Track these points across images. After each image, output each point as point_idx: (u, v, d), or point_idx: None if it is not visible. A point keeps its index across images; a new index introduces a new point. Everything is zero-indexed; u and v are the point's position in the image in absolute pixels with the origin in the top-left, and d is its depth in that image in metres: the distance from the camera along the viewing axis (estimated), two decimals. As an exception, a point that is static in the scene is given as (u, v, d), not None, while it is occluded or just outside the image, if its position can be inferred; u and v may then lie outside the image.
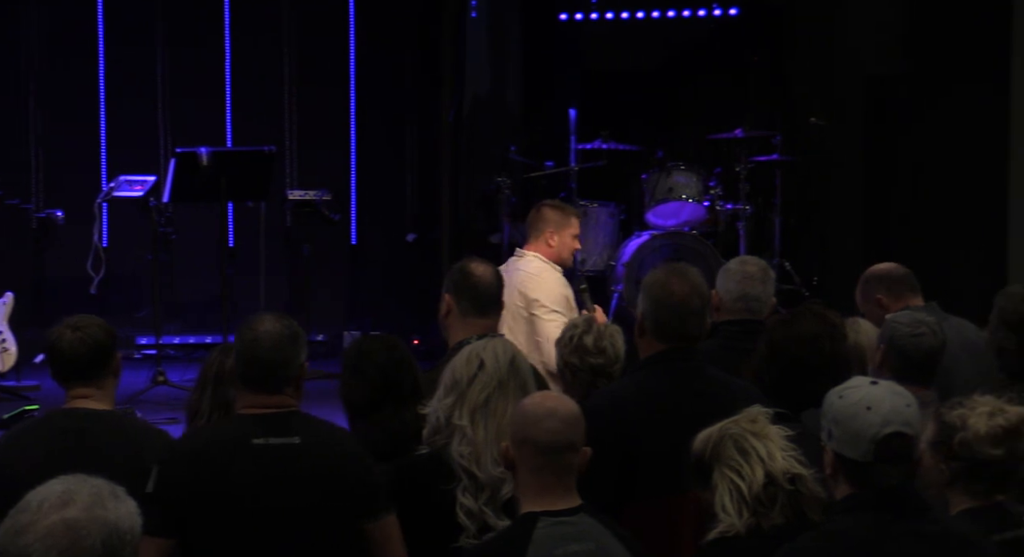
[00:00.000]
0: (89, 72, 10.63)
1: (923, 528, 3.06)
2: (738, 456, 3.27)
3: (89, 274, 9.67)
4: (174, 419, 6.88)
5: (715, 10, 10.77)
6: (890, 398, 3.12)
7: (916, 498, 3.13)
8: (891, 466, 3.07)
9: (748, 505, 3.23)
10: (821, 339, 3.93)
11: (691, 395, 3.95)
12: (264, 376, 3.57)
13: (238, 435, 3.53)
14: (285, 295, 10.57)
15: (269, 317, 3.63)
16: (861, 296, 5.32)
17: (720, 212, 9.70)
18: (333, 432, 3.65)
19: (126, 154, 10.51)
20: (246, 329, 3.61)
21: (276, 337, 3.57)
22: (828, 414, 3.15)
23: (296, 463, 3.50)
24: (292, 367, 3.59)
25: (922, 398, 4.07)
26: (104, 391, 4.02)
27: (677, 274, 4.11)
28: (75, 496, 2.36)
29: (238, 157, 8.99)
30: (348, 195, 10.85)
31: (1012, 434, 3.40)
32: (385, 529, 3.57)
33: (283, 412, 3.57)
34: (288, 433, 3.53)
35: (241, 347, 3.61)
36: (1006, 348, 4.42)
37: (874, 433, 3.07)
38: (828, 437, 3.13)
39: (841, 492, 3.14)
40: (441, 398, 3.68)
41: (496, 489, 3.57)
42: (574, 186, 9.48)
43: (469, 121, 10.68)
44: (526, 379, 3.68)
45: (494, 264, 4.84)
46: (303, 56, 10.81)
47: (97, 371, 4.00)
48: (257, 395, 3.58)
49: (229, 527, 3.46)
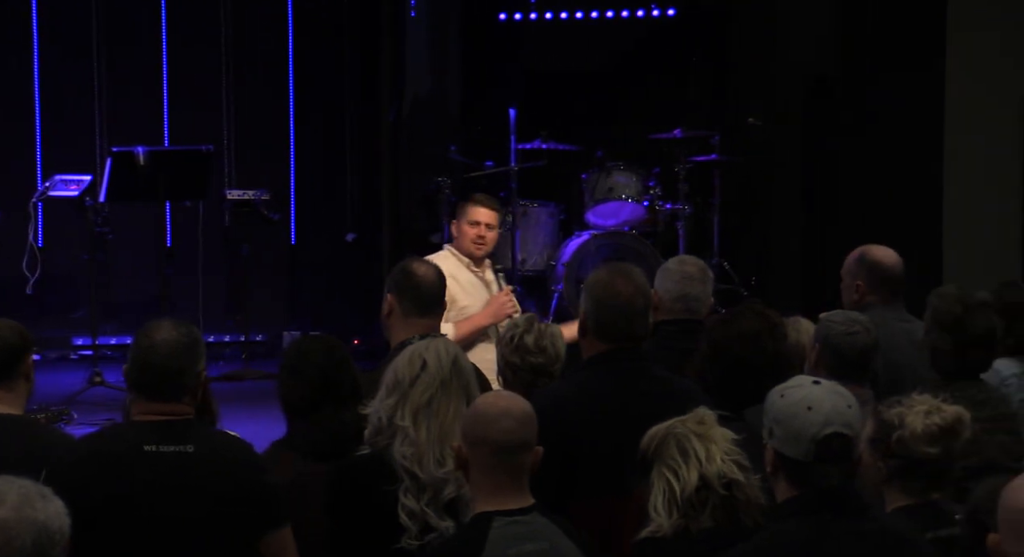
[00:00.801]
0: (24, 70, 10.50)
1: (862, 527, 3.09)
2: (678, 456, 3.28)
3: (24, 274, 9.56)
4: (111, 420, 6.81)
5: (654, 11, 10.81)
6: (831, 398, 3.14)
7: (855, 498, 3.15)
8: (831, 466, 3.09)
9: (679, 507, 3.25)
10: (763, 337, 3.95)
11: (636, 395, 3.96)
12: (158, 383, 3.52)
13: (130, 442, 3.48)
14: (224, 295, 10.50)
15: (167, 324, 3.58)
16: (848, 271, 5.24)
17: (660, 212, 9.74)
18: (229, 442, 3.61)
19: (62, 153, 10.40)
20: (143, 336, 3.56)
21: (172, 345, 3.53)
22: (770, 413, 3.16)
23: (189, 472, 3.45)
24: (188, 375, 3.54)
25: (859, 396, 4.12)
26: (14, 394, 3.96)
27: (621, 274, 4.11)
28: (4, 497, 2.35)
29: (175, 156, 8.93)
30: (287, 195, 10.79)
31: (948, 433, 3.44)
32: (280, 541, 3.53)
33: (178, 420, 3.52)
34: (182, 441, 3.48)
35: (137, 353, 3.55)
36: (940, 349, 4.45)
37: (814, 433, 3.09)
38: (769, 435, 3.15)
39: (781, 490, 3.15)
40: (383, 398, 3.66)
41: (438, 490, 3.56)
42: (514, 186, 9.48)
43: (409, 121, 10.66)
44: (469, 379, 3.67)
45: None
46: (241, 55, 10.74)
47: (6, 374, 3.93)
48: (152, 402, 3.53)
49: (119, 534, 3.40)
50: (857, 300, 5.18)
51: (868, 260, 5.22)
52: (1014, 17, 8.90)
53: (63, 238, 10.16)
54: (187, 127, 10.50)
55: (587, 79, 10.90)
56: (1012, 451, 4.23)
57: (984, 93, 8.91)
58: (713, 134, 9.89)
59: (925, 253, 9.02)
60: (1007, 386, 4.74)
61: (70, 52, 10.52)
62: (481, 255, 6.42)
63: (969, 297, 4.47)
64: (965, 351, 4.40)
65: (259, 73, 10.80)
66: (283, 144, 10.86)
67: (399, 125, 10.59)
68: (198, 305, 10.05)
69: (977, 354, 4.42)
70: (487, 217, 6.38)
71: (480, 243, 6.36)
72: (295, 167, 10.89)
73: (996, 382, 4.67)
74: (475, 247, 6.34)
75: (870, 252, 5.25)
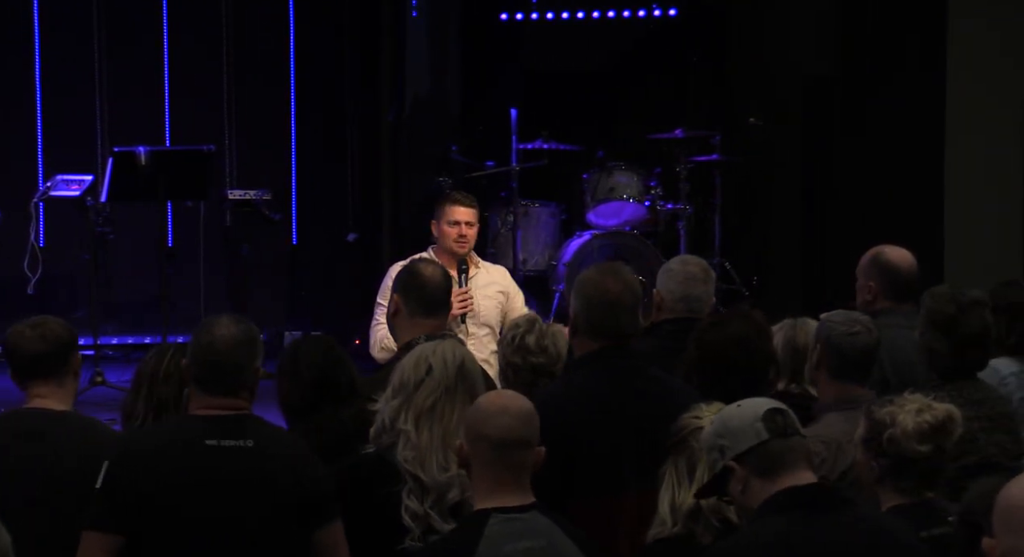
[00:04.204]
0: (26, 70, 10.51)
1: (841, 520, 3.08)
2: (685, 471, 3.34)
3: (26, 274, 9.57)
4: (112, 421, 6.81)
5: (655, 11, 10.81)
6: (752, 399, 3.21)
7: (834, 493, 3.17)
8: (787, 440, 3.09)
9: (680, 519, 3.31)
10: (751, 340, 3.96)
11: (632, 395, 3.96)
12: (218, 378, 3.54)
13: (190, 435, 3.50)
14: (224, 295, 10.49)
15: (226, 319, 3.59)
16: (861, 271, 5.22)
17: (660, 212, 9.74)
18: (285, 437, 3.64)
19: (63, 153, 10.41)
20: (203, 331, 3.58)
21: (233, 340, 3.54)
22: (711, 438, 3.17)
23: (250, 466, 3.47)
24: (247, 371, 3.56)
25: (860, 397, 4.12)
26: (64, 390, 3.98)
27: (610, 272, 4.12)
28: None
29: (177, 156, 8.93)
30: (288, 195, 10.80)
31: (939, 431, 3.45)
32: (333, 535, 3.55)
33: (237, 415, 3.54)
34: (241, 436, 3.50)
35: (197, 348, 3.57)
36: (936, 349, 4.44)
37: (755, 415, 3.12)
38: (722, 454, 3.13)
39: (756, 498, 3.12)
40: (389, 399, 3.66)
41: (442, 493, 3.56)
42: (515, 186, 9.48)
43: (410, 121, 10.67)
44: (475, 383, 3.66)
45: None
46: (242, 55, 10.74)
47: (57, 370, 3.94)
48: (211, 397, 3.54)
49: (179, 527, 3.43)
50: (870, 301, 5.14)
51: (881, 261, 5.18)
52: (1014, 17, 8.91)
53: (64, 238, 10.16)
54: (188, 127, 10.51)
55: (588, 79, 10.91)
56: (1009, 450, 4.23)
57: (984, 93, 8.92)
58: (714, 134, 9.89)
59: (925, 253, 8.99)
60: (1006, 385, 4.73)
61: (71, 52, 10.53)
62: (464, 252, 6.42)
63: (962, 296, 4.44)
64: (960, 351, 4.37)
65: (260, 73, 10.81)
66: (284, 144, 10.86)
67: (399, 125, 10.60)
68: (199, 305, 10.05)
69: (973, 353, 4.40)
70: (466, 216, 6.36)
71: (462, 241, 6.35)
72: (296, 167, 10.89)
73: (995, 381, 4.65)
74: (458, 246, 6.35)
75: (884, 253, 5.21)
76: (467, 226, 6.35)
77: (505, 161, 9.64)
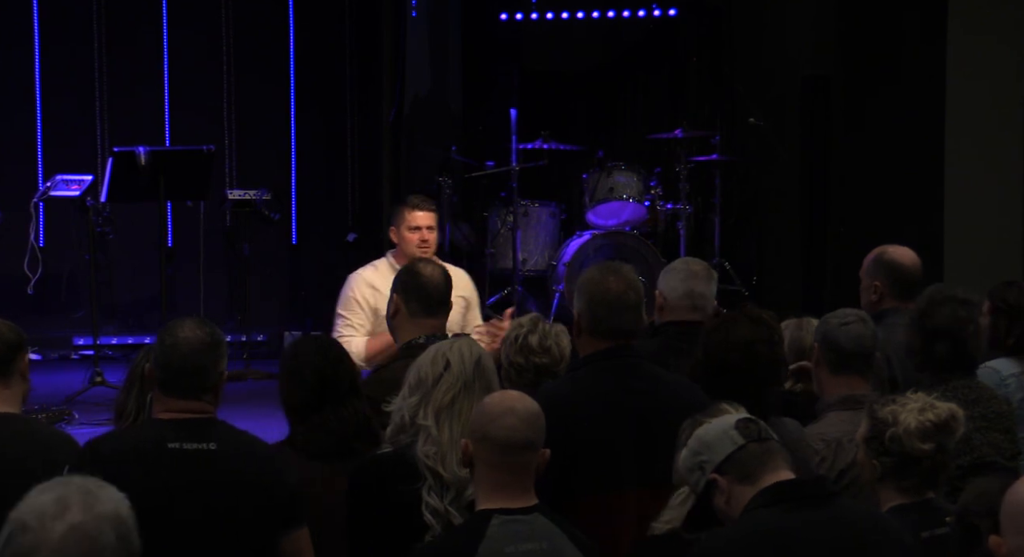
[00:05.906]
0: (25, 70, 10.51)
1: (829, 513, 3.08)
2: None
3: (26, 274, 9.57)
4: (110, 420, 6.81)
5: (655, 11, 10.82)
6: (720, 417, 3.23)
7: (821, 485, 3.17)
8: (762, 443, 3.10)
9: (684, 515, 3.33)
10: (757, 345, 3.94)
11: (633, 393, 3.96)
12: (181, 382, 3.53)
13: (153, 439, 3.48)
14: (224, 295, 10.50)
15: (190, 322, 3.58)
16: (866, 271, 5.21)
17: (660, 212, 9.75)
18: (251, 441, 3.61)
19: (63, 153, 10.40)
20: (166, 334, 3.56)
21: (196, 343, 3.53)
22: (691, 458, 3.17)
23: (212, 469, 3.45)
24: (211, 374, 3.55)
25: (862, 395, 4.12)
26: (11, 392, 3.96)
27: (612, 272, 4.12)
28: (68, 500, 2.30)
29: (176, 156, 8.93)
30: (288, 195, 10.80)
31: (942, 429, 3.45)
32: (299, 541, 3.54)
33: (200, 418, 3.53)
34: (205, 439, 3.48)
35: (160, 352, 3.56)
36: (911, 344, 4.42)
37: (727, 423, 3.14)
38: (702, 470, 3.13)
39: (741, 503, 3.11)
40: (406, 397, 3.66)
41: (461, 489, 3.55)
42: (515, 186, 9.49)
43: (410, 121, 10.67)
44: (491, 379, 3.67)
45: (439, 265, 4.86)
46: (242, 55, 10.75)
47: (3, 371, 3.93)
48: (174, 400, 3.53)
49: (143, 531, 3.41)
50: (876, 301, 5.13)
51: (886, 260, 5.18)
52: (1014, 17, 8.91)
53: (64, 238, 10.15)
54: (188, 127, 10.51)
55: (587, 79, 10.92)
56: (1005, 449, 4.21)
57: (984, 93, 8.91)
58: (713, 134, 9.90)
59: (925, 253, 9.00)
60: (1006, 386, 4.72)
61: (71, 52, 10.53)
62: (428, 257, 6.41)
63: (939, 292, 4.40)
64: (929, 344, 4.32)
65: (260, 73, 10.81)
66: (284, 144, 10.87)
67: (399, 125, 10.60)
68: (199, 305, 10.06)
69: (942, 348, 4.31)
70: (426, 220, 6.31)
71: (424, 247, 6.30)
72: (296, 167, 10.90)
73: (995, 382, 4.64)
74: (420, 251, 6.29)
75: (888, 252, 5.21)
76: (428, 231, 6.30)
77: (505, 161, 9.65)
